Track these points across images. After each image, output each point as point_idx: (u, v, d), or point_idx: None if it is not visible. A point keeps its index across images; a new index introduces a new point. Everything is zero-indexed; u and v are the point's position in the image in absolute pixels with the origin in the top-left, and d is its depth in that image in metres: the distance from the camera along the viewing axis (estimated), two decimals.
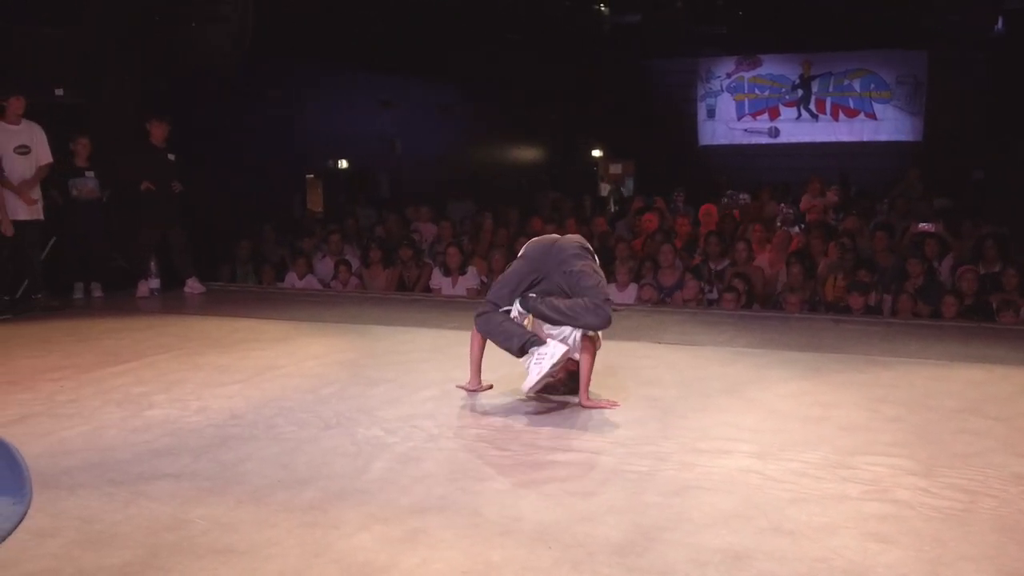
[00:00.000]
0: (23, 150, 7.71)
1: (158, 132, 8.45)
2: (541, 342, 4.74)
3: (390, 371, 5.71)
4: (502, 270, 9.19)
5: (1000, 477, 3.81)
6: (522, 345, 4.78)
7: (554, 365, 4.65)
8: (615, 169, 22.08)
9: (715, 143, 20.94)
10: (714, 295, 9.04)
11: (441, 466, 3.98)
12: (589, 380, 4.89)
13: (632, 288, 8.77)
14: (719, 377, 5.50)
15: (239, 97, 11.94)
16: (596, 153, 21.05)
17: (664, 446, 4.24)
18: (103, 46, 8.43)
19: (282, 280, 9.71)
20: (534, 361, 4.71)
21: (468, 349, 5.31)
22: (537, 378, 4.67)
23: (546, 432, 4.45)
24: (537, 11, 17.92)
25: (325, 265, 9.99)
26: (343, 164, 15.23)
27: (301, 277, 9.45)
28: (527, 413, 4.79)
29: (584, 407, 4.85)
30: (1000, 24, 18.15)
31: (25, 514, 0.86)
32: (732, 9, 19.77)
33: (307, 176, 14.37)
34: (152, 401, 4.98)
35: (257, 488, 3.71)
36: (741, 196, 14.09)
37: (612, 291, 8.53)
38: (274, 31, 10.90)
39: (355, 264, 9.96)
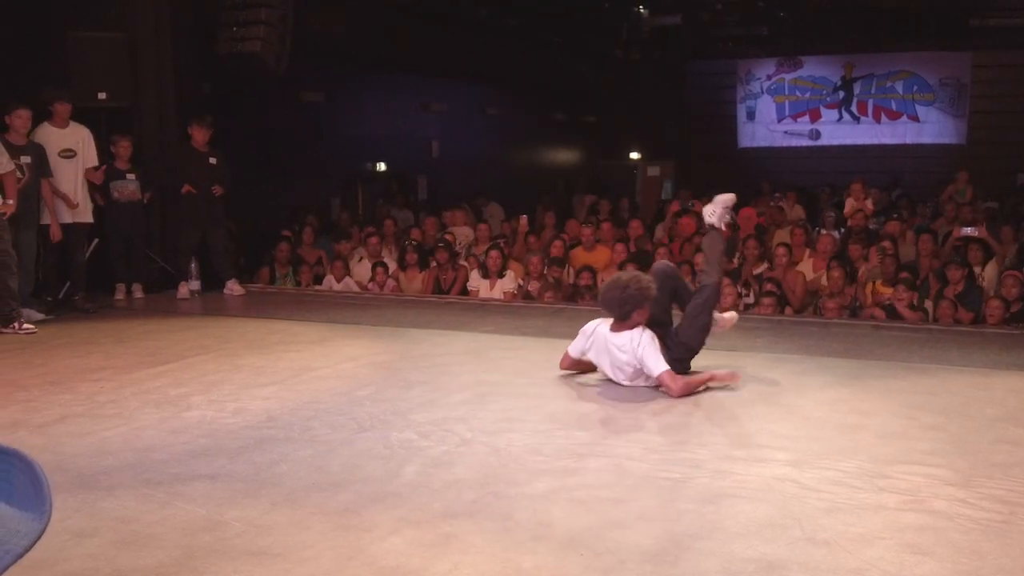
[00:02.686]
0: (68, 154, 7.85)
1: (200, 135, 8.55)
2: None
3: (425, 374, 5.74)
4: (539, 274, 9.27)
5: None
6: None
7: None
8: (653, 171, 21.98)
9: (755, 145, 20.80)
10: (751, 299, 8.98)
11: (473, 470, 3.98)
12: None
13: None
14: (756, 382, 5.45)
15: (279, 99, 12.08)
16: (634, 155, 20.99)
17: (698, 453, 4.21)
18: (145, 50, 8.54)
19: (320, 283, 9.78)
20: None
21: (502, 353, 5.31)
22: None
23: (579, 437, 4.45)
24: (576, 13, 17.91)
25: (363, 267, 10.05)
26: (381, 167, 15.32)
27: (339, 280, 9.51)
28: (560, 418, 4.78)
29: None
30: None
31: (43, 531, 0.88)
32: (773, 10, 19.64)
33: (351, 180, 14.45)
34: (190, 402, 5.04)
35: (292, 490, 3.74)
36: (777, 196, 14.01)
37: None
38: (315, 34, 11.02)
39: (392, 266, 10.01)
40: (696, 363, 5.63)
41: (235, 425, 4.65)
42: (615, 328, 5.31)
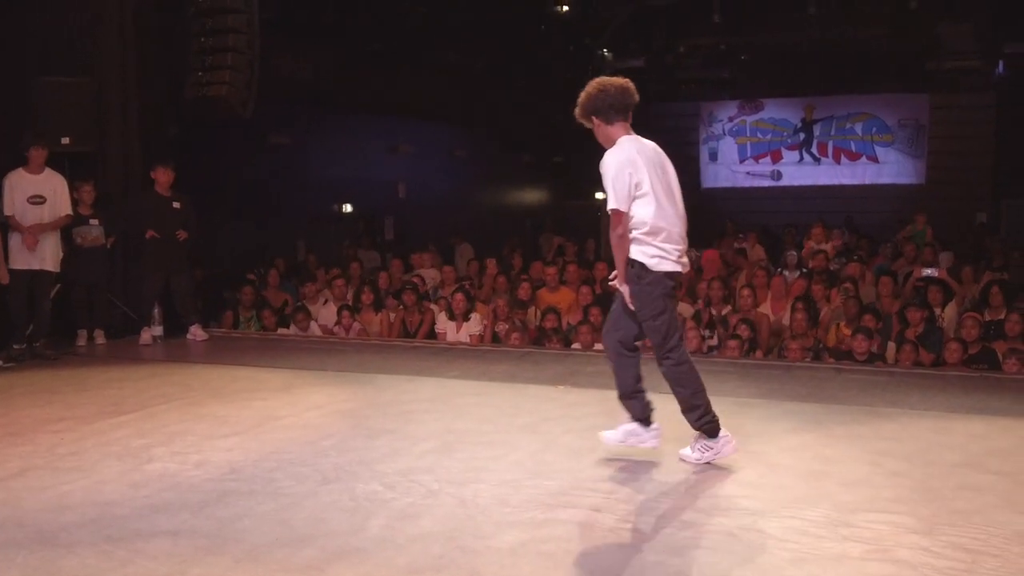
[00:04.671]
0: (37, 200, 7.77)
1: (163, 179, 8.50)
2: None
3: (391, 422, 5.71)
4: (507, 316, 9.28)
5: (1003, 535, 3.78)
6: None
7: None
8: None
9: (718, 185, 21.07)
10: (714, 341, 9.03)
11: (439, 523, 3.96)
12: None
13: None
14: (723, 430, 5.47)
15: (245, 142, 12.07)
16: (600, 195, 21.13)
17: (663, 503, 4.23)
18: (111, 94, 8.52)
19: (285, 326, 9.72)
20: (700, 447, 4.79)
21: (469, 399, 5.27)
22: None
23: (547, 487, 4.43)
24: (542, 56, 18.13)
25: (328, 311, 10.00)
26: (348, 208, 15.32)
27: (304, 331, 9.44)
28: (528, 467, 4.77)
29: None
30: (1001, 68, 18.32)
31: None
32: (734, 54, 20.00)
33: (317, 221, 14.44)
34: (152, 454, 4.98)
35: (255, 546, 3.69)
36: (740, 238, 14.15)
37: None
38: (281, 76, 11.06)
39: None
40: (665, 408, 5.64)
41: (197, 478, 4.59)
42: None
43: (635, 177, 4.62)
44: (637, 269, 4.66)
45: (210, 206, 9.74)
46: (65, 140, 8.15)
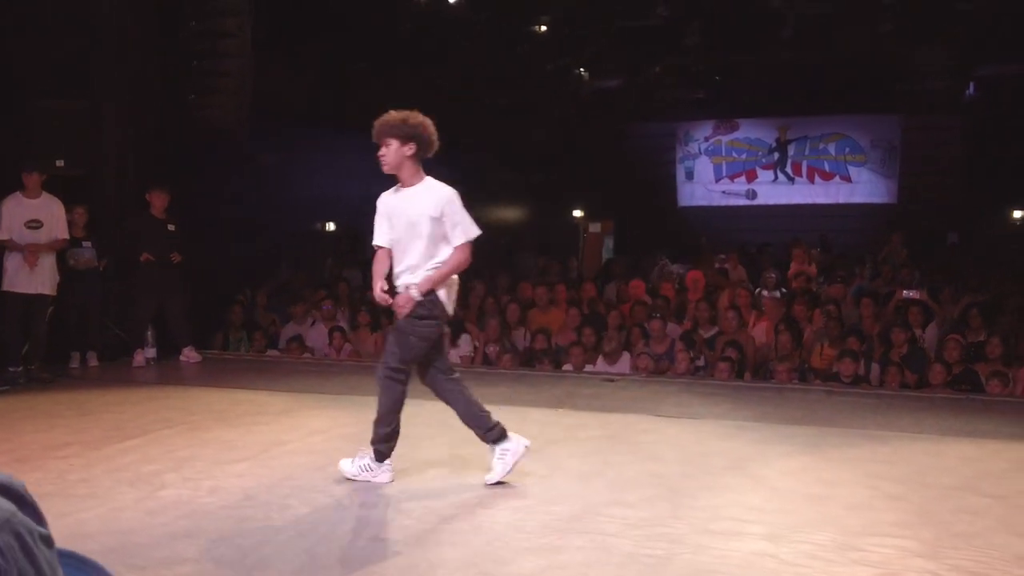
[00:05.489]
0: (34, 224, 7.78)
1: (159, 202, 8.54)
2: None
3: (398, 447, 5.76)
4: (497, 338, 9.38)
5: (1003, 558, 3.93)
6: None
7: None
8: (594, 228, 22.40)
9: (694, 204, 21.28)
10: (702, 362, 9.18)
11: (458, 550, 4.04)
12: None
13: (625, 357, 8.89)
14: (721, 453, 5.61)
15: (231, 160, 12.07)
16: (578, 213, 21.33)
17: (676, 527, 4.33)
18: (105, 118, 8.54)
19: (275, 347, 9.75)
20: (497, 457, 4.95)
21: None
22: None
23: (559, 512, 4.53)
24: (520, 75, 18.28)
25: (318, 332, 10.05)
26: (331, 227, 15.36)
27: (297, 357, 9.46)
28: (538, 492, 4.86)
29: None
30: (972, 89, 18.69)
31: None
32: (709, 74, 20.26)
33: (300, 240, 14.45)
34: (164, 480, 5.02)
35: (280, 575, 3.75)
36: (722, 259, 14.35)
37: (601, 364, 8.69)
38: (266, 94, 11.09)
39: (345, 328, 10.03)
40: (664, 431, 5.77)
41: (212, 505, 4.64)
42: None
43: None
44: (434, 303, 4.94)
45: (196, 226, 9.74)
46: (59, 163, 8.17)
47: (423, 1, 14.84)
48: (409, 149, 4.97)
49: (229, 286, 11.28)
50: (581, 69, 20.16)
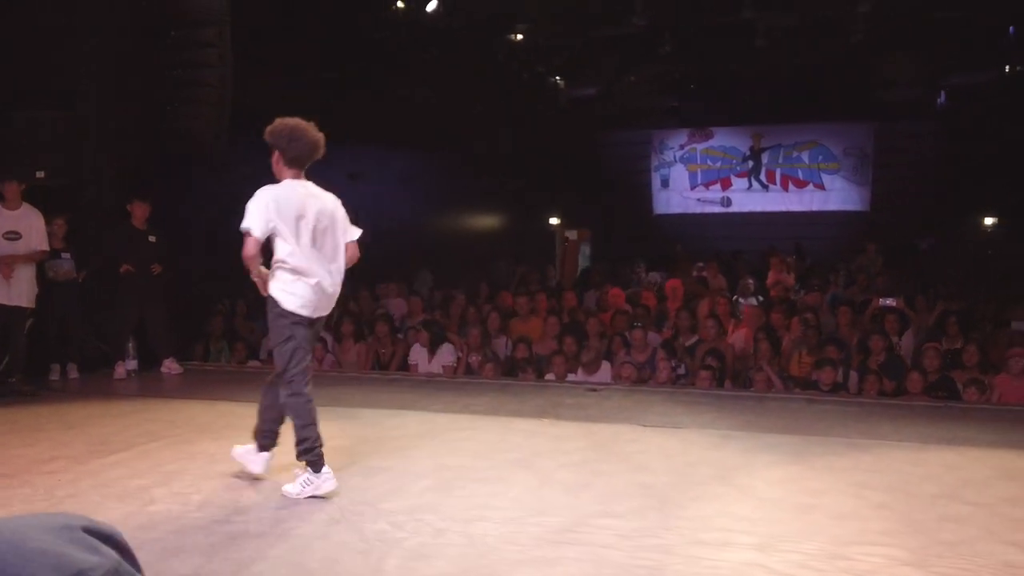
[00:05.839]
0: (12, 236, 7.71)
1: (139, 213, 8.50)
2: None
3: (384, 459, 5.78)
4: (479, 347, 9.41)
5: (990, 566, 4.00)
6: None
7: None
8: (571, 234, 22.48)
9: (670, 212, 21.46)
10: (682, 371, 9.25)
11: (453, 563, 4.06)
12: None
13: (605, 366, 8.93)
14: (707, 463, 5.66)
15: (207, 172, 12.02)
16: (554, 221, 21.41)
17: (667, 538, 4.37)
18: (87, 128, 8.49)
19: (256, 357, 9.72)
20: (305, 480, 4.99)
21: (457, 434, 5.40)
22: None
23: (551, 524, 4.55)
24: (497, 83, 18.34)
25: None
26: None
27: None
28: (529, 504, 4.88)
29: None
30: (943, 98, 18.95)
31: None
32: (684, 83, 20.42)
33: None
34: (152, 495, 5.00)
35: None
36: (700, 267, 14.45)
37: (581, 373, 8.72)
38: (242, 103, 11.06)
39: (328, 340, 10.00)
40: (650, 441, 5.80)
41: (203, 519, 4.63)
42: None
43: (272, 213, 4.91)
44: (272, 301, 5.02)
45: (176, 237, 9.70)
46: (40, 174, 8.10)
47: (400, 10, 14.86)
48: (276, 158, 5.09)
49: (208, 296, 11.23)
50: (557, 77, 20.27)
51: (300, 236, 4.97)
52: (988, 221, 18.56)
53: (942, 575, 3.91)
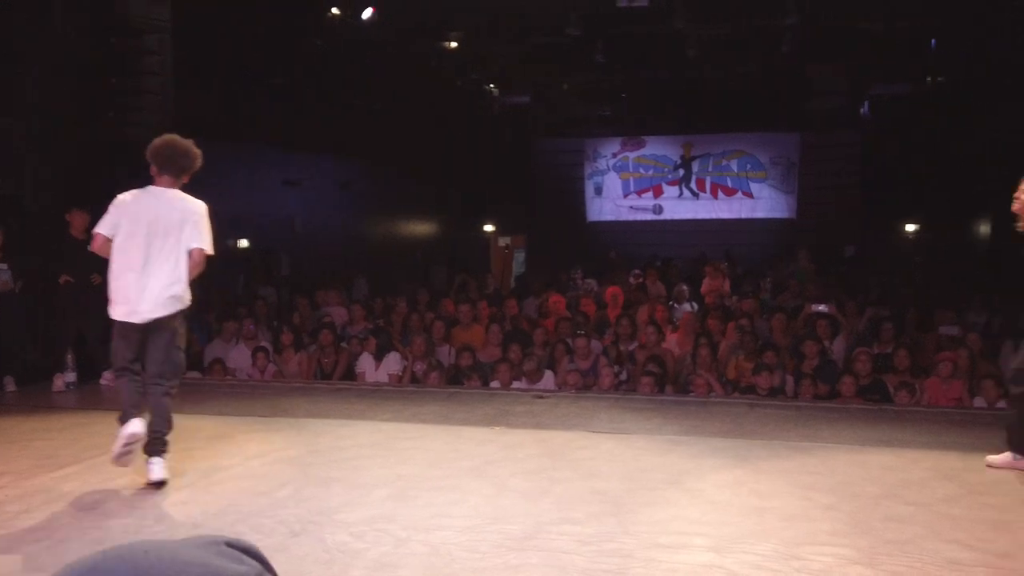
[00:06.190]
0: None
1: (78, 222, 8.32)
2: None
3: (338, 469, 5.78)
4: (424, 355, 9.43)
5: (935, 563, 4.18)
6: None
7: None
8: (504, 241, 22.63)
9: (603, 219, 21.74)
10: (624, 377, 9.40)
11: (418, 572, 4.10)
12: None
13: (548, 374, 9.02)
14: (658, 468, 5.79)
15: (141, 177, 11.83)
16: (489, 228, 21.52)
17: (626, 543, 4.47)
18: (21, 136, 8.31)
19: (196, 368, 9.59)
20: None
21: (408, 443, 5.43)
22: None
23: (511, 531, 4.62)
24: (432, 90, 18.39)
25: (239, 352, 9.91)
26: (243, 243, 15.16)
27: (221, 379, 9.31)
28: (487, 511, 4.94)
29: None
30: (866, 108, 19.56)
31: None
32: (616, 93, 20.71)
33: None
34: (107, 510, 4.94)
35: None
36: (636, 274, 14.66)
37: (525, 380, 8.82)
38: (180, 111, 10.93)
39: (268, 348, 9.93)
40: (600, 447, 5.90)
41: (162, 534, 4.59)
42: None
43: (115, 218, 5.36)
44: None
45: None
46: None
47: (336, 17, 14.82)
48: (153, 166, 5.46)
49: None
50: (491, 85, 20.40)
51: (130, 244, 5.29)
52: (910, 228, 19.20)
53: (891, 573, 4.08)
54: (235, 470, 5.79)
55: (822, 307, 10.28)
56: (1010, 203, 5.58)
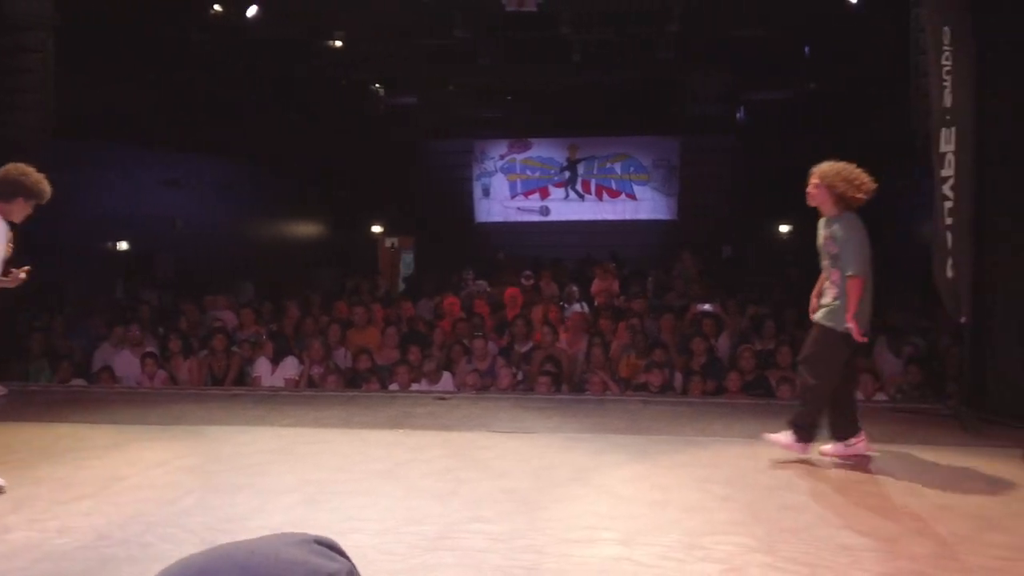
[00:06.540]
0: None
1: None
2: None
3: (242, 476, 5.73)
4: (322, 359, 9.37)
5: (829, 549, 4.45)
6: None
7: None
8: (391, 241, 22.53)
9: (491, 220, 21.91)
10: (520, 377, 9.55)
11: None
12: None
13: (447, 376, 9.08)
14: (562, 465, 5.94)
15: None
16: (376, 229, 21.40)
17: (538, 539, 4.60)
18: None
19: (82, 376, 9.31)
20: None
21: (313, 448, 5.47)
22: None
23: (425, 532, 4.69)
24: (317, 90, 18.20)
25: (125, 359, 9.65)
26: (123, 246, 14.72)
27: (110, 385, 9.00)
28: (399, 513, 4.99)
29: None
30: (742, 113, 20.26)
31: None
32: (502, 94, 20.90)
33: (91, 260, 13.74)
34: (7, 523, 4.78)
35: None
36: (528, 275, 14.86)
37: (424, 382, 8.88)
38: (59, 110, 10.56)
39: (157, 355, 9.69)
40: (504, 446, 6.02)
41: (67, 546, 4.49)
42: None
43: None
44: None
45: None
46: None
47: (219, 14, 14.52)
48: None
49: (21, 311, 10.62)
50: (377, 85, 20.29)
51: None
52: (784, 229, 19.98)
53: (789, 559, 4.32)
54: (136, 479, 5.67)
55: (707, 306, 10.65)
56: (874, 207, 5.94)
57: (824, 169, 5.98)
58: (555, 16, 14.96)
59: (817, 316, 6.05)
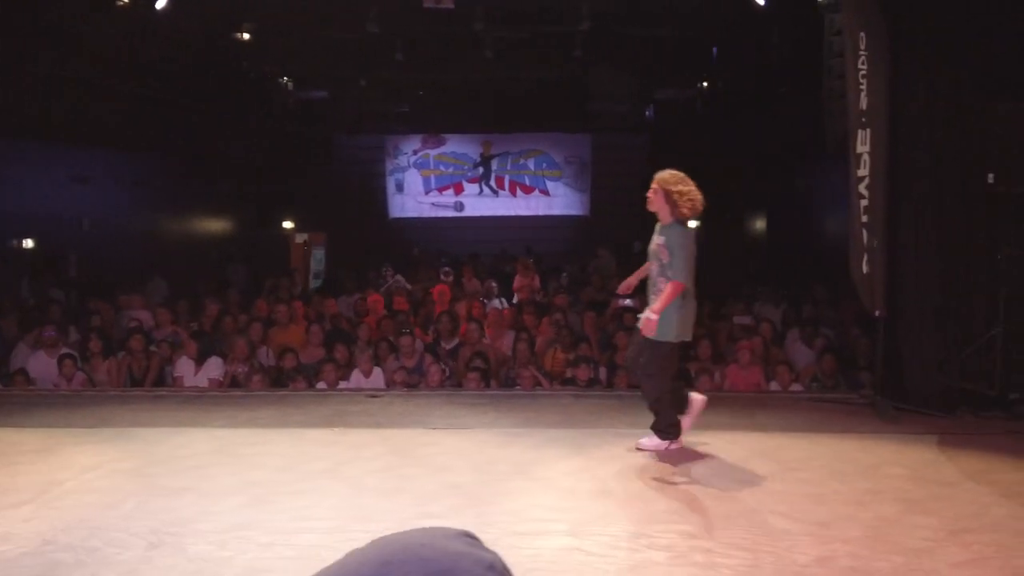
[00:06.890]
0: None
1: None
2: None
3: (182, 479, 5.68)
4: (246, 358, 9.28)
5: (766, 534, 4.67)
6: None
7: None
8: (301, 238, 22.29)
9: (405, 216, 21.87)
10: (447, 374, 9.61)
11: (293, 574, 4.16)
12: None
13: (377, 372, 9.10)
14: (503, 460, 6.04)
15: None
16: (288, 224, 21.14)
17: (488, 532, 4.68)
18: None
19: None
20: None
21: (251, 449, 5.46)
22: None
23: (375, 529, 4.66)
24: (227, 84, 17.90)
25: (38, 360, 9.39)
26: (28, 244, 14.25)
27: (25, 386, 8.77)
28: (348, 511, 5.04)
29: None
30: (651, 112, 20.67)
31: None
32: (415, 90, 20.87)
33: None
34: None
35: None
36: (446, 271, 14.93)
37: (355, 379, 8.89)
38: None
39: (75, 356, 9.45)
40: (444, 443, 6.11)
41: (12, 552, 4.42)
42: None
43: None
44: None
45: None
46: None
47: (127, 6, 14.16)
48: None
49: None
50: (285, 78, 20.03)
51: None
52: (692, 224, 20.41)
53: (730, 544, 4.53)
54: (72, 484, 5.57)
55: (627, 301, 10.87)
56: (779, 203, 6.20)
57: (664, 176, 6.17)
58: (468, 12, 15.04)
59: (647, 332, 6.09)
